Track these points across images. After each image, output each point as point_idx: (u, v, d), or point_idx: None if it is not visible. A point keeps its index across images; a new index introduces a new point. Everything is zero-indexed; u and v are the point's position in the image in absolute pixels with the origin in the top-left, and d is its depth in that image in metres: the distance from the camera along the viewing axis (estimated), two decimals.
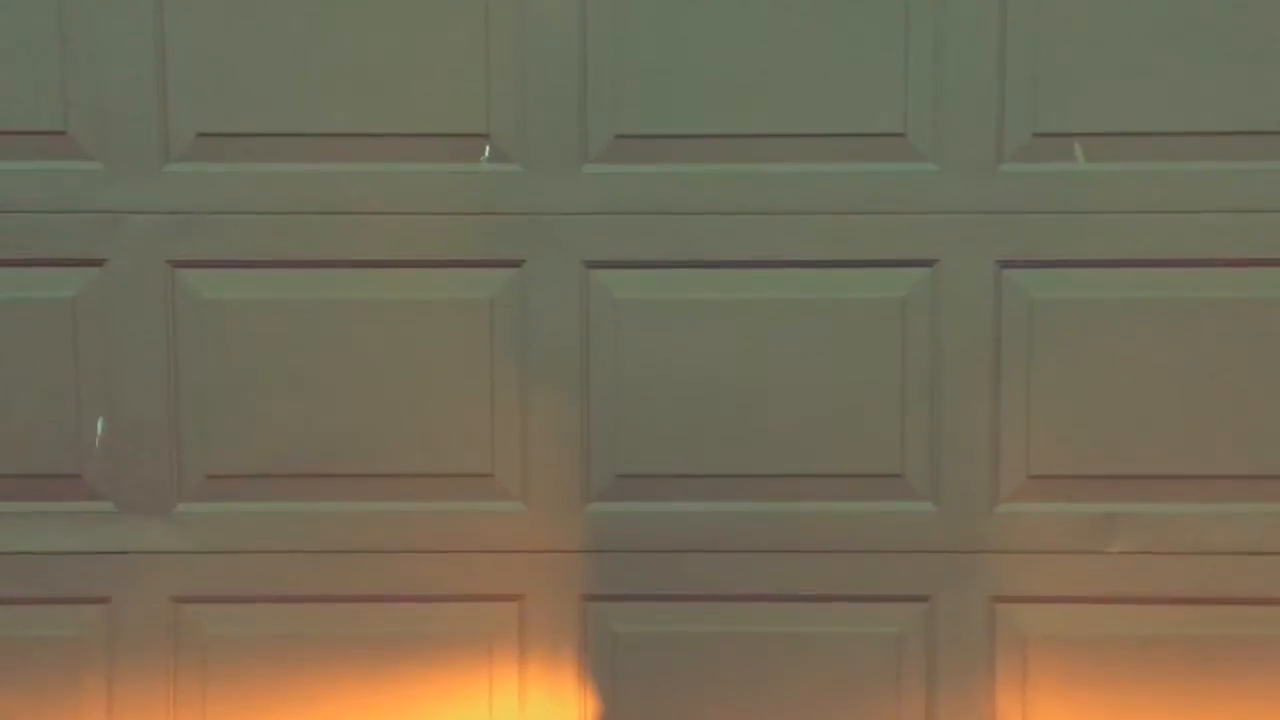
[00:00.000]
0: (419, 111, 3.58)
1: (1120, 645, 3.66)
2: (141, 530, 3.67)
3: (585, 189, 3.60)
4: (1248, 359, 3.60)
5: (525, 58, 3.55)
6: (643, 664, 3.70)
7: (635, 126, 3.58)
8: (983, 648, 3.67)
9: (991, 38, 3.52)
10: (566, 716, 3.70)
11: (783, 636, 3.69)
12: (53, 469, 3.66)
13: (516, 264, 3.62)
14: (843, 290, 3.62)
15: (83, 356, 3.63)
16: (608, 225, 3.60)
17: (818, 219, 3.59)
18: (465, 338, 3.63)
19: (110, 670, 3.69)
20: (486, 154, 3.59)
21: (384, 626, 3.69)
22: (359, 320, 3.63)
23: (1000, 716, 3.68)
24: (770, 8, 3.53)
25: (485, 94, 3.57)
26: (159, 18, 3.54)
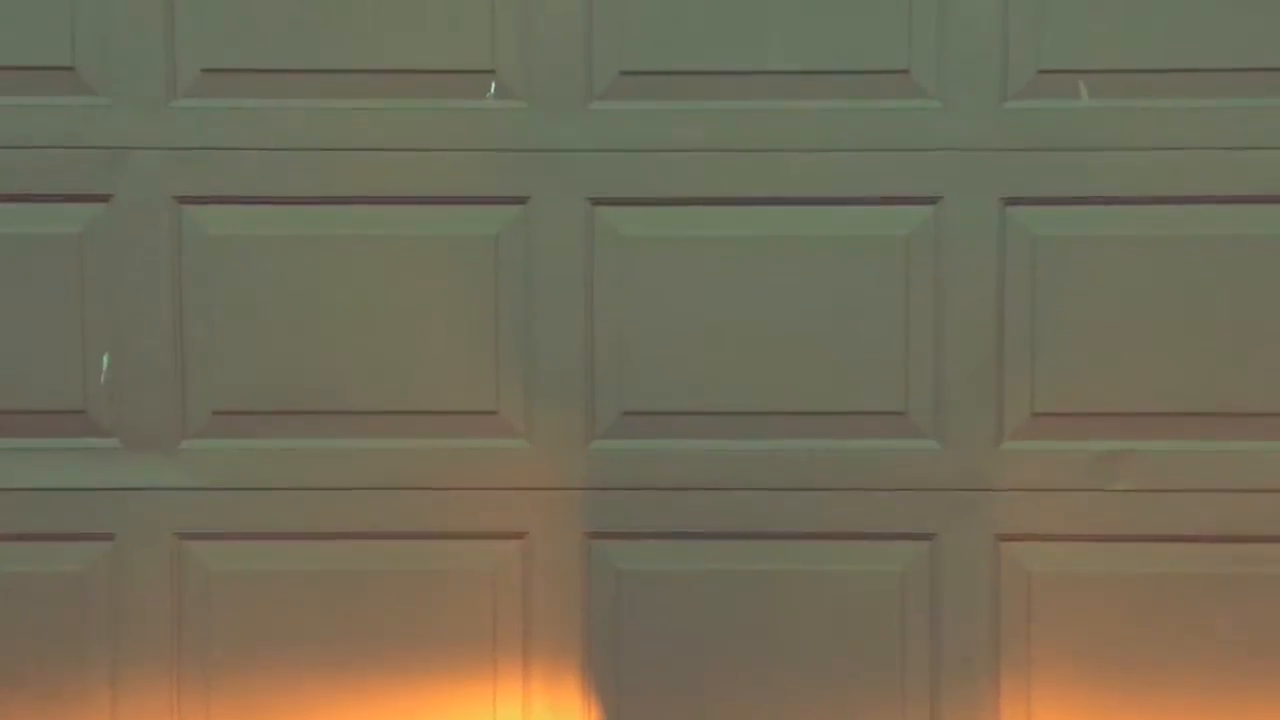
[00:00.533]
0: (424, 47, 3.59)
1: (1125, 583, 3.66)
2: (146, 467, 3.67)
3: (590, 126, 3.60)
4: (1253, 296, 3.60)
5: None
6: (646, 602, 3.70)
7: (640, 63, 3.59)
8: (987, 586, 3.67)
9: None
10: (570, 655, 3.69)
11: (786, 575, 3.69)
12: (58, 405, 3.66)
13: (521, 201, 3.62)
14: (846, 228, 3.62)
15: (88, 293, 3.64)
16: (613, 162, 3.61)
17: (821, 156, 3.60)
18: (469, 274, 3.64)
19: (114, 607, 3.68)
20: (492, 90, 3.60)
21: (387, 564, 3.69)
22: (363, 257, 3.64)
23: (1004, 655, 3.67)
24: None
25: (490, 30, 3.58)
26: None
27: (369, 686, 3.69)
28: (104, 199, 3.62)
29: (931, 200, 3.60)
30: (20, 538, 3.68)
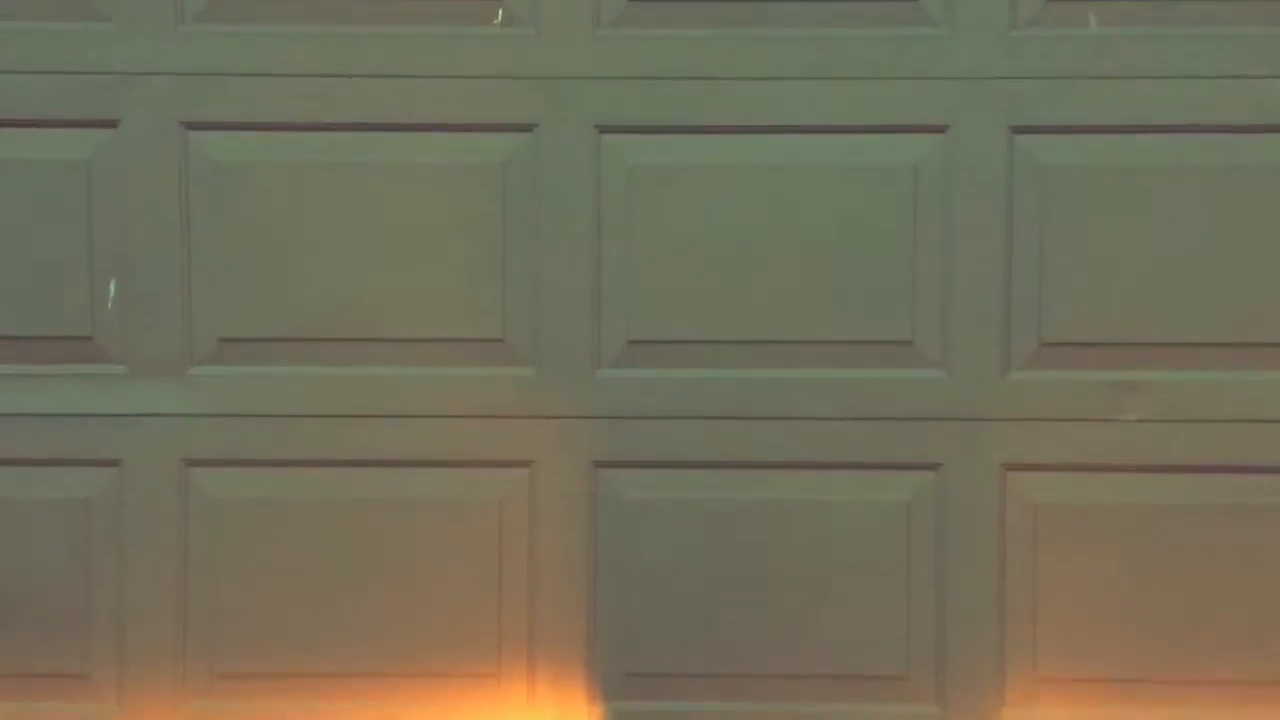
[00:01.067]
0: None
1: (1132, 514, 3.65)
2: (153, 393, 3.67)
3: (598, 53, 3.60)
4: (1261, 225, 3.59)
5: None
6: (653, 530, 3.70)
7: None
8: (993, 516, 3.66)
9: None
10: (577, 582, 3.69)
11: (792, 504, 3.68)
12: (65, 331, 3.67)
13: (529, 128, 3.62)
14: (854, 156, 3.62)
15: (96, 219, 3.64)
16: (620, 90, 3.60)
17: (830, 84, 3.59)
18: (476, 202, 3.63)
19: (120, 532, 3.69)
20: (500, 17, 3.60)
21: (394, 491, 3.69)
22: (370, 183, 3.63)
23: (1009, 584, 3.67)
24: None
25: None
26: None
27: (374, 615, 3.69)
28: (111, 124, 3.62)
29: (939, 129, 3.60)
30: (28, 463, 3.68)
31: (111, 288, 3.66)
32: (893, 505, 3.68)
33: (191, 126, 3.62)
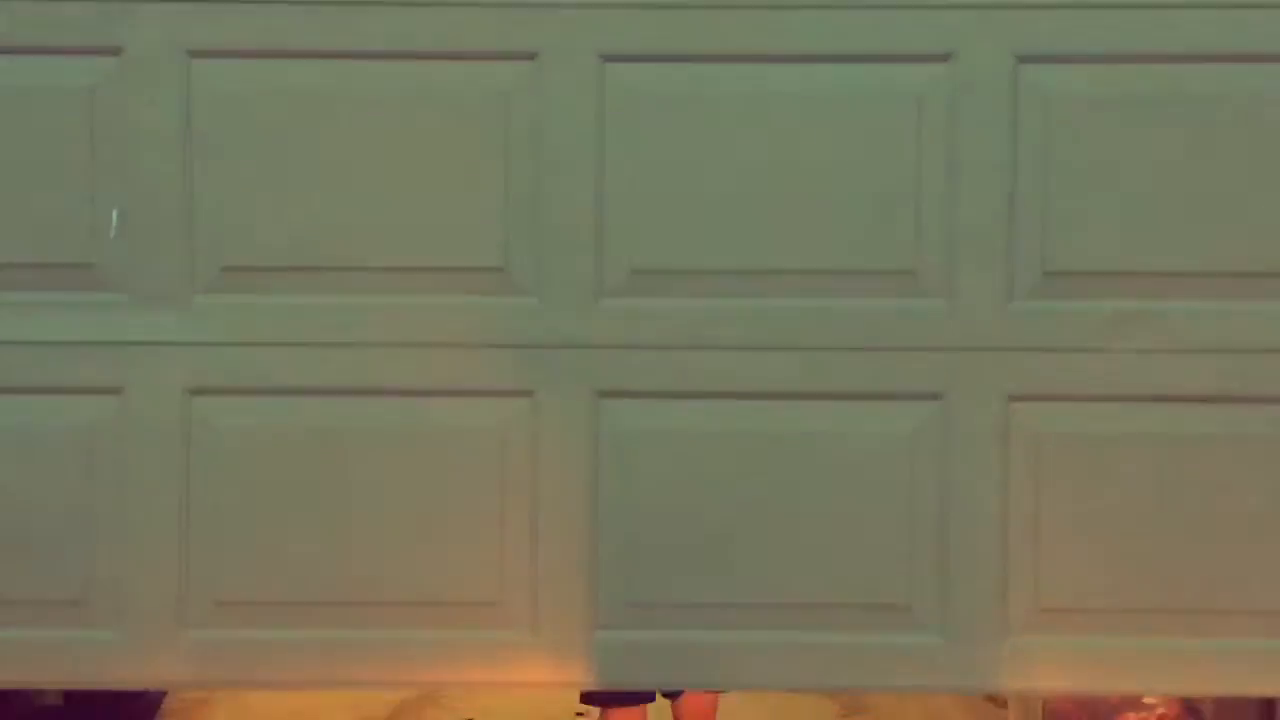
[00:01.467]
0: None
1: (1135, 444, 3.65)
2: (155, 321, 3.66)
3: None
4: (1265, 155, 3.58)
5: None
6: (654, 460, 3.69)
7: None
8: (996, 446, 3.65)
9: None
10: (578, 511, 3.68)
11: (795, 434, 3.68)
12: (67, 259, 3.66)
13: (530, 57, 3.61)
14: (859, 84, 3.61)
15: (98, 147, 3.63)
16: (623, 18, 3.61)
17: (834, 13, 3.59)
18: (479, 131, 3.63)
19: (122, 461, 3.68)
20: None
21: (396, 421, 3.68)
22: (374, 112, 3.63)
23: (1011, 515, 3.65)
24: None
25: None
26: None
27: (376, 544, 3.69)
28: (114, 52, 3.61)
29: (944, 57, 3.59)
30: (30, 391, 3.68)
31: (114, 216, 3.65)
32: (896, 436, 3.68)
33: (194, 54, 3.61)
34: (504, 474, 3.69)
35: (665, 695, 5.47)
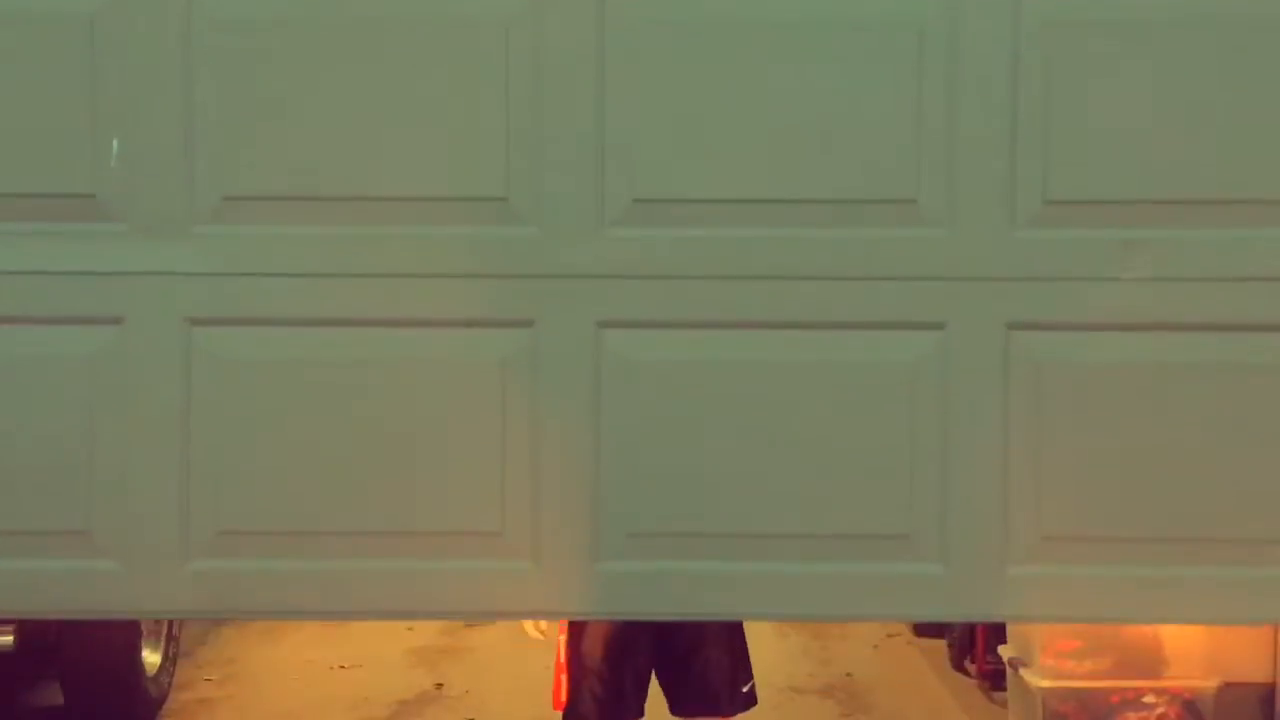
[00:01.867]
0: None
1: (1136, 372, 3.65)
2: (156, 251, 3.66)
3: None
4: (1269, 81, 3.57)
5: None
6: (655, 390, 3.69)
7: None
8: (997, 375, 3.65)
9: None
10: (579, 442, 3.68)
11: (796, 364, 3.67)
12: (67, 189, 3.65)
13: None
14: (860, 15, 3.60)
15: (98, 76, 3.62)
16: None
17: None
18: (479, 61, 3.62)
19: (123, 390, 3.67)
20: None
21: (396, 351, 3.67)
22: (373, 42, 3.62)
23: (1013, 443, 3.65)
24: None
25: None
26: None
27: (377, 474, 3.69)
28: None
29: None
30: (30, 320, 3.67)
31: (114, 146, 3.64)
32: (897, 364, 3.68)
33: None
34: (505, 404, 3.68)
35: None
